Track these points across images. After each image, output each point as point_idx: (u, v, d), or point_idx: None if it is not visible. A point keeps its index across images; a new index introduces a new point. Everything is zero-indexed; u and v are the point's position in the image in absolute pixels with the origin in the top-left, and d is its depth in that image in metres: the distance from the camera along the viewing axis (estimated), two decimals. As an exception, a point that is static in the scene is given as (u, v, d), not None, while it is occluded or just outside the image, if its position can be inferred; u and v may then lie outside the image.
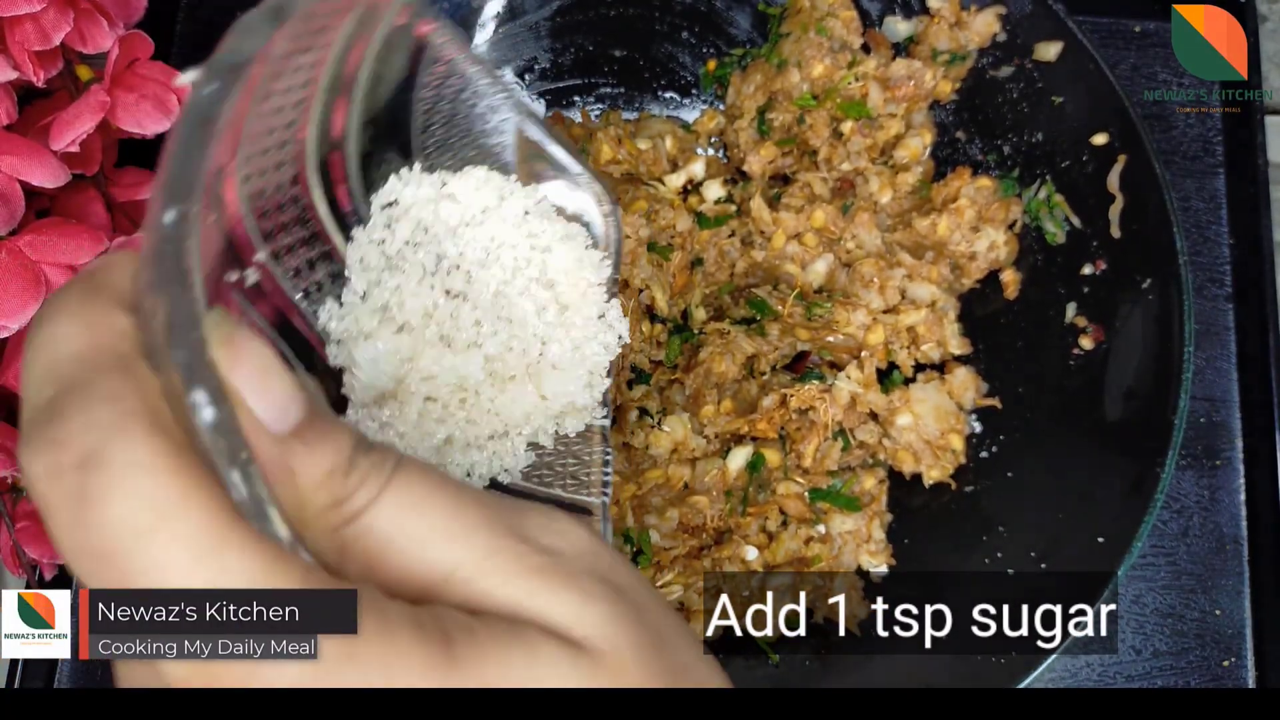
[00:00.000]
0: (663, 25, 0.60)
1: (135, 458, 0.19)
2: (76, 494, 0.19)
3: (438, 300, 0.33)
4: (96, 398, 0.20)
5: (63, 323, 0.22)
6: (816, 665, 0.51)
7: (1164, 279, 0.51)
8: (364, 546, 0.22)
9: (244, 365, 0.20)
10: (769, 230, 0.55)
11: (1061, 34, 0.54)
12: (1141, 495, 0.48)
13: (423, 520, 0.22)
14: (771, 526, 0.52)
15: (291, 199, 0.31)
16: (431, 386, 0.33)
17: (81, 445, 0.19)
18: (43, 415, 0.20)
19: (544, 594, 0.22)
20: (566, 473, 0.37)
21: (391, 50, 0.33)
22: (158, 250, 0.19)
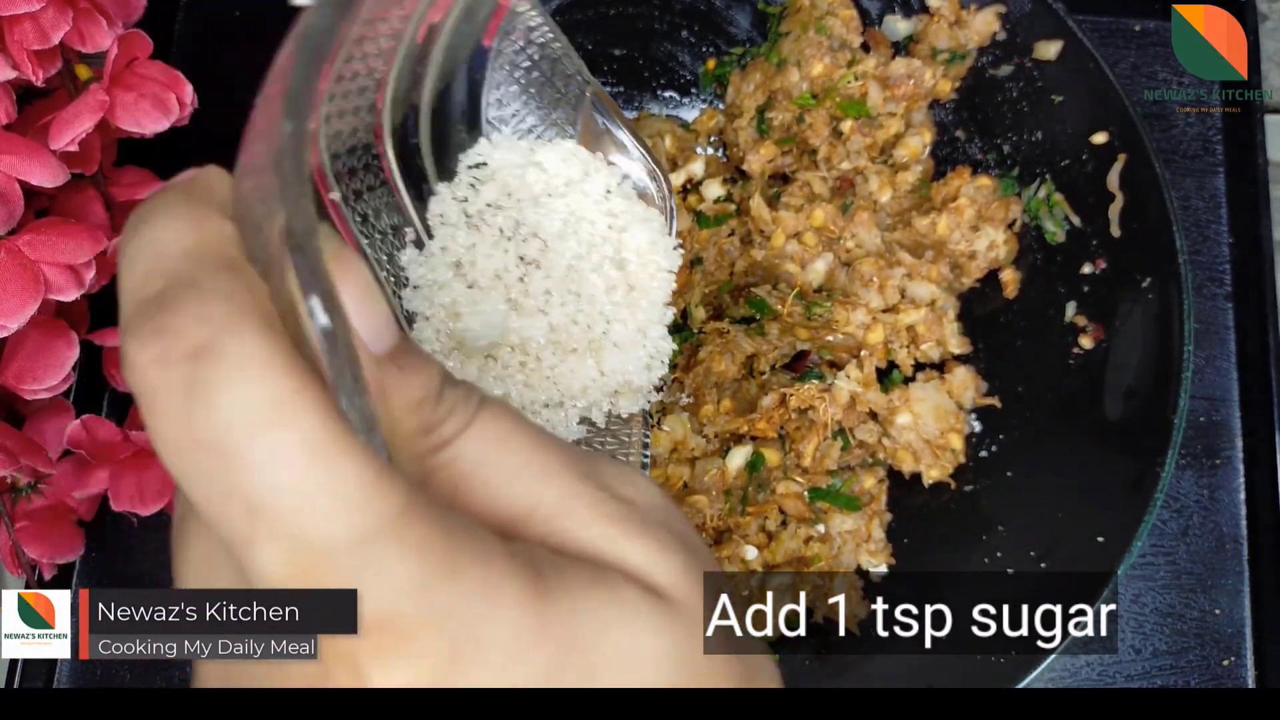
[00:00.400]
0: (662, 24, 0.60)
1: (252, 352, 0.19)
2: (188, 383, 0.19)
3: (509, 265, 0.34)
4: (210, 293, 0.20)
5: (169, 221, 0.21)
6: (816, 665, 0.51)
7: (1164, 278, 0.51)
8: (448, 476, 0.22)
9: (349, 282, 0.20)
10: (768, 229, 0.55)
11: (1061, 33, 0.54)
12: (1141, 494, 0.48)
13: (508, 455, 0.22)
14: (771, 526, 0.52)
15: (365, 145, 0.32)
16: (492, 345, 0.34)
17: (196, 336, 0.19)
18: (152, 306, 0.20)
19: (623, 540, 0.22)
20: (606, 452, 0.37)
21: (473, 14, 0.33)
22: (277, 159, 0.19)
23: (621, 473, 0.24)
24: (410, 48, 0.31)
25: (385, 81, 0.31)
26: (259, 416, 0.18)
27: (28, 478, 0.49)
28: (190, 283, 0.20)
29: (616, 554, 0.22)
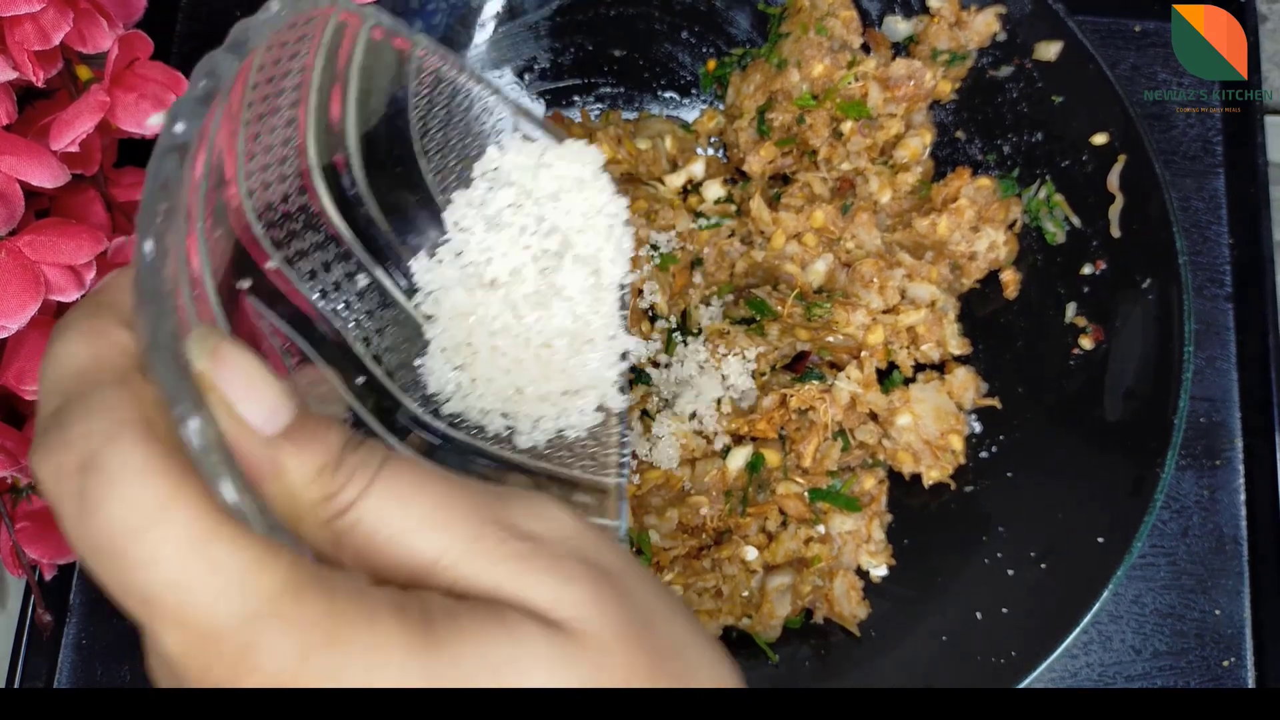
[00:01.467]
0: (662, 25, 0.60)
1: (127, 462, 0.21)
2: (78, 495, 0.21)
3: (528, 260, 0.36)
4: (95, 408, 0.22)
5: (69, 340, 0.24)
6: (816, 665, 0.51)
7: (1164, 279, 0.51)
8: (355, 538, 0.23)
9: (231, 374, 0.22)
10: (769, 230, 0.55)
11: (1061, 34, 0.54)
12: (1141, 495, 0.48)
13: (408, 510, 0.23)
14: (771, 527, 0.52)
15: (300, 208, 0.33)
16: (502, 339, 0.36)
17: (81, 450, 0.21)
18: (50, 423, 0.22)
19: (525, 577, 0.23)
20: (586, 454, 0.38)
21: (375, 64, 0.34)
22: (137, 277, 0.21)
23: (530, 508, 0.25)
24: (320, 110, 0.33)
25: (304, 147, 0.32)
26: (137, 521, 0.20)
27: (28, 478, 0.49)
28: (81, 398, 0.22)
29: (517, 593, 0.23)
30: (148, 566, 0.20)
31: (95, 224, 0.48)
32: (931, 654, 0.50)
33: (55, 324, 0.25)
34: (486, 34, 0.60)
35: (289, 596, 0.20)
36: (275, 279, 0.31)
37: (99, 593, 0.54)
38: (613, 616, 0.23)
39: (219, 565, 0.20)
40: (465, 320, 0.36)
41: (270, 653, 0.20)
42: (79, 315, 0.24)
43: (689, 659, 0.24)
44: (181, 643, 0.20)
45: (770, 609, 0.51)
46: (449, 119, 0.37)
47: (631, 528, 0.51)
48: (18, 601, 0.53)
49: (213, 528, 0.20)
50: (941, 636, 0.50)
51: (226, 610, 0.20)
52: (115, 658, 0.54)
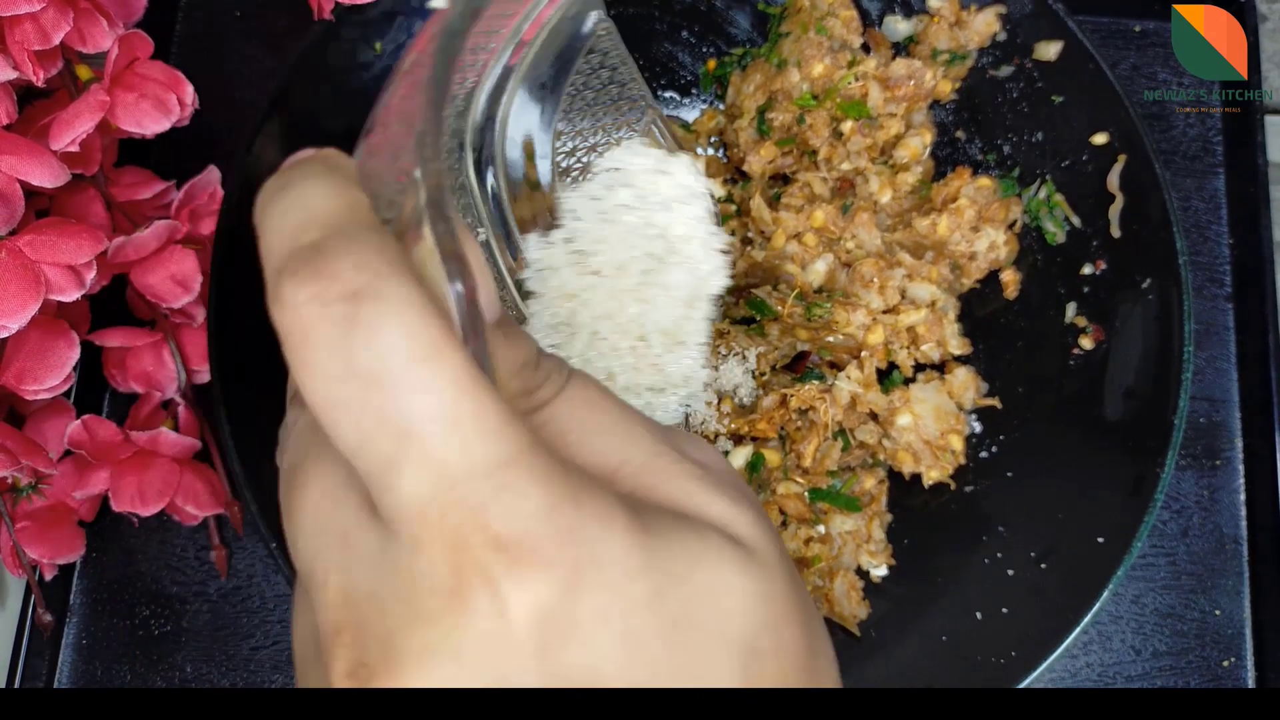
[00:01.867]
0: (662, 25, 0.60)
1: (408, 297, 0.20)
2: (348, 319, 0.20)
3: (636, 257, 0.38)
4: (367, 246, 0.21)
5: (316, 185, 0.23)
6: (816, 665, 0.51)
7: (1164, 279, 0.51)
8: (545, 435, 0.24)
9: (471, 256, 0.22)
10: (769, 230, 0.55)
11: (1061, 34, 0.54)
12: (1141, 495, 0.48)
13: (598, 417, 0.25)
14: (771, 526, 0.52)
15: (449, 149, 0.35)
16: (604, 324, 0.38)
17: (354, 280, 0.21)
18: (309, 252, 0.21)
19: (701, 495, 0.24)
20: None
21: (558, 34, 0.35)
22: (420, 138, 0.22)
23: (694, 441, 0.27)
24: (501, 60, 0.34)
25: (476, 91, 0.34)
26: (415, 351, 0.20)
27: (28, 478, 0.49)
28: (346, 234, 0.22)
29: (697, 506, 0.24)
30: (418, 397, 0.20)
31: (95, 224, 0.48)
32: (931, 654, 0.50)
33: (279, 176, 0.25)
34: (486, 34, 0.60)
35: (537, 453, 0.21)
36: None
37: (99, 593, 0.55)
38: (773, 544, 0.24)
39: (484, 410, 0.20)
40: (569, 301, 0.37)
41: (522, 498, 0.20)
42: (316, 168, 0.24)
43: (810, 602, 0.26)
44: (428, 480, 0.20)
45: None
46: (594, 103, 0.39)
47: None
48: (18, 601, 0.53)
49: (480, 377, 0.21)
50: (941, 636, 0.50)
51: (486, 451, 0.20)
52: (115, 658, 0.54)
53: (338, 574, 0.22)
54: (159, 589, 0.55)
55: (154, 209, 0.52)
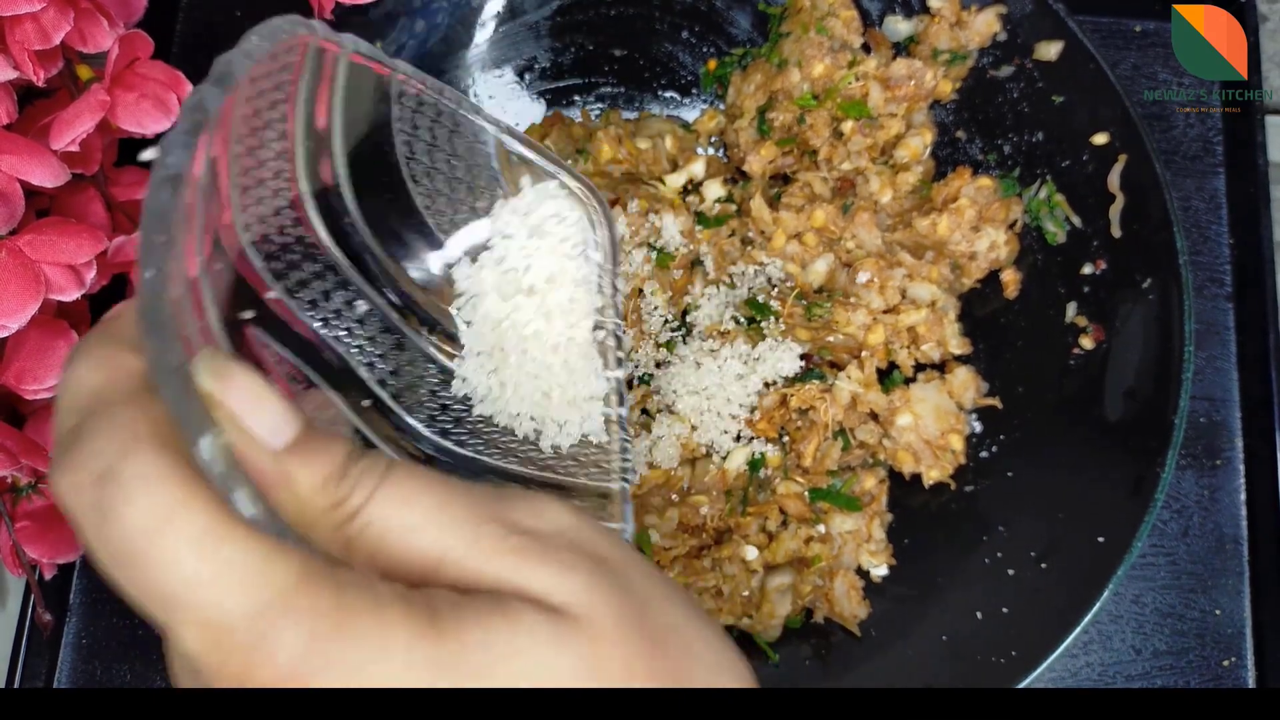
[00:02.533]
0: (663, 25, 0.60)
1: (142, 470, 0.22)
2: (96, 506, 0.22)
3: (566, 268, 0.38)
4: (109, 424, 0.23)
5: (81, 365, 0.25)
6: (816, 665, 0.51)
7: (1164, 278, 0.51)
8: (365, 541, 0.24)
9: (238, 392, 0.23)
10: (769, 230, 0.55)
11: (1062, 34, 0.54)
12: (1141, 495, 0.48)
13: (413, 512, 0.24)
14: (771, 526, 0.52)
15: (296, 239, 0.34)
16: (532, 344, 0.38)
17: (98, 464, 0.22)
18: (67, 440, 0.23)
19: (525, 568, 0.24)
20: (590, 462, 0.39)
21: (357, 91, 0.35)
22: (141, 304, 0.22)
23: (530, 506, 0.26)
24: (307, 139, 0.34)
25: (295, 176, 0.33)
26: (153, 523, 0.21)
27: (28, 478, 0.49)
28: (95, 416, 0.23)
29: (517, 583, 0.24)
30: (166, 566, 0.21)
31: (95, 223, 0.48)
32: (931, 654, 0.50)
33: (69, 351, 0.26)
34: (487, 33, 0.60)
35: (298, 589, 0.21)
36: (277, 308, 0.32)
37: (99, 593, 0.55)
38: (609, 601, 0.24)
39: (232, 562, 0.21)
40: (498, 325, 0.37)
41: (281, 643, 0.21)
42: (91, 343, 0.25)
43: (688, 643, 0.25)
44: (199, 639, 0.21)
45: (770, 608, 0.51)
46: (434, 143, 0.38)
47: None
48: (18, 601, 0.53)
49: (225, 527, 0.21)
50: (942, 636, 0.50)
51: (239, 604, 0.21)
52: (115, 658, 0.53)
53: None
54: (159, 589, 0.55)
55: (154, 209, 0.52)
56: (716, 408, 0.52)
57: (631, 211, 0.54)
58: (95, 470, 0.22)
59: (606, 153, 0.56)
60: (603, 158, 0.56)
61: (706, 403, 0.52)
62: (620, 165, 0.56)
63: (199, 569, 0.21)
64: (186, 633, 0.21)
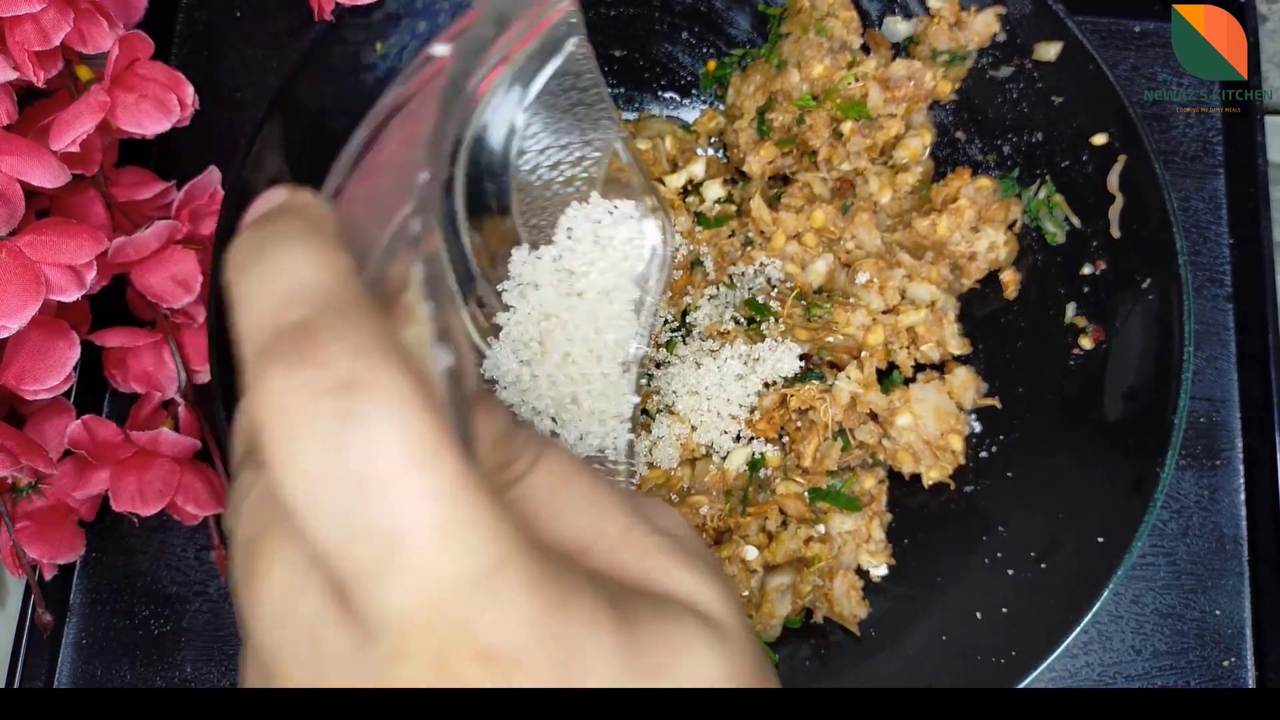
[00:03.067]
0: (662, 25, 0.60)
1: (404, 393, 0.19)
2: (340, 415, 0.19)
3: (624, 285, 0.39)
4: (357, 328, 0.20)
5: (299, 250, 0.22)
6: (816, 665, 0.51)
7: (1164, 279, 0.51)
8: (521, 508, 0.24)
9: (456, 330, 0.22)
10: (769, 230, 0.55)
11: (1061, 34, 0.54)
12: (1141, 495, 0.48)
13: (573, 490, 0.25)
14: (771, 526, 0.52)
15: None
16: (577, 348, 0.38)
17: (347, 369, 0.19)
18: (296, 333, 0.20)
19: (675, 571, 0.24)
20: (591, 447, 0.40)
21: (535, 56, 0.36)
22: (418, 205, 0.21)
23: (660, 509, 0.27)
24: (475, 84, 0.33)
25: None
26: (411, 456, 0.19)
27: (28, 478, 0.49)
28: (337, 312, 0.20)
29: (670, 584, 0.24)
30: (411, 505, 0.19)
31: (95, 224, 0.48)
32: (931, 654, 0.50)
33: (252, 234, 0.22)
34: (487, 34, 0.60)
35: (524, 559, 0.20)
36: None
37: (99, 593, 0.55)
38: (735, 612, 0.25)
39: (477, 518, 0.19)
40: (546, 320, 0.37)
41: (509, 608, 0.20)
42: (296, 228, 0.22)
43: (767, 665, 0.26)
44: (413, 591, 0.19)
45: (770, 608, 0.51)
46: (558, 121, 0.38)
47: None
48: (18, 601, 0.54)
49: (475, 482, 0.20)
50: (941, 636, 0.50)
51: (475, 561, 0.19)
52: (115, 658, 0.54)
53: (305, 671, 0.20)
54: (159, 589, 0.55)
55: (154, 209, 0.52)
56: (716, 408, 0.52)
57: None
58: (344, 375, 0.19)
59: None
60: (602, 158, 0.56)
61: (706, 403, 0.52)
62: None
63: (449, 518, 0.19)
64: (400, 581, 0.19)
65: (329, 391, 0.19)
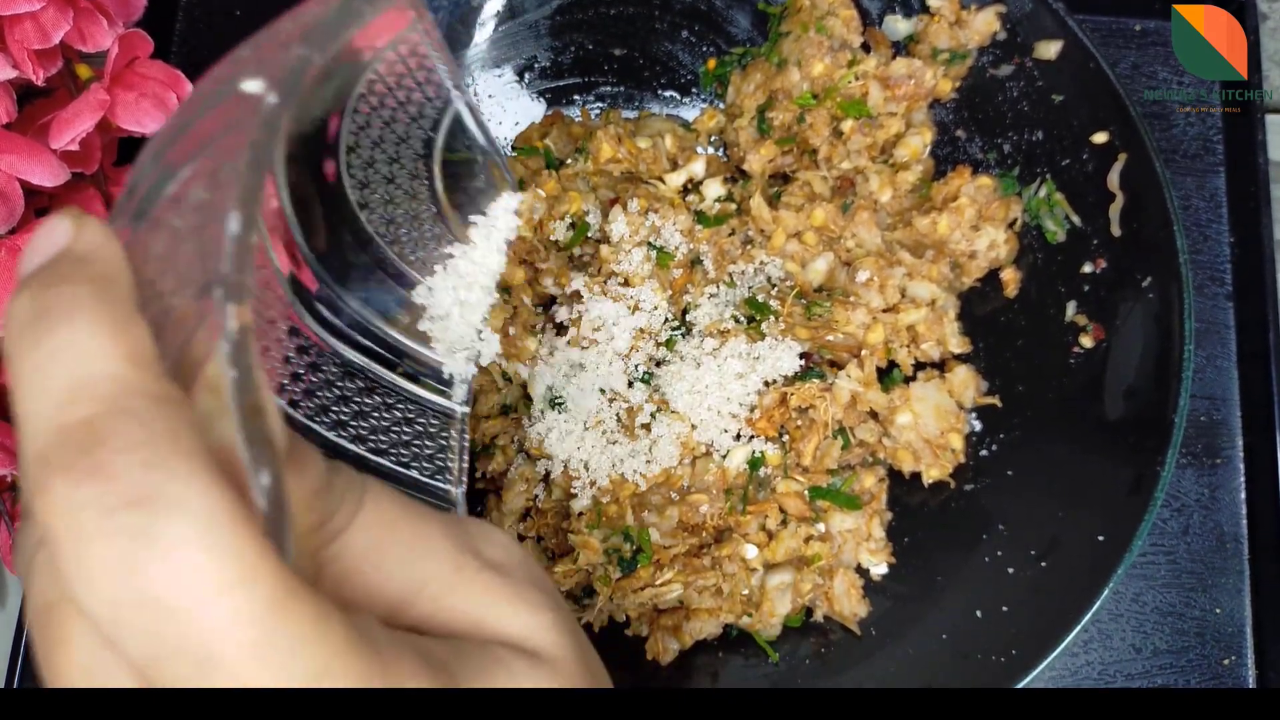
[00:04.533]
0: (662, 24, 0.60)
1: (212, 505, 0.18)
2: (135, 538, 0.18)
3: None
4: (152, 430, 0.18)
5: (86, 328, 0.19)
6: (817, 664, 0.51)
7: (1164, 277, 0.51)
8: (341, 567, 0.23)
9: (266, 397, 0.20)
10: (769, 229, 0.55)
11: (1062, 32, 0.54)
12: (1142, 493, 0.48)
13: (398, 538, 0.23)
14: (771, 525, 0.52)
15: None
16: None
17: (141, 483, 0.18)
18: (80, 438, 0.18)
19: (503, 608, 0.24)
20: (424, 455, 0.38)
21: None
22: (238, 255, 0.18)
23: (487, 534, 0.26)
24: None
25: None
26: (220, 581, 0.18)
27: (28, 477, 0.49)
28: (127, 414, 0.18)
29: (498, 626, 0.24)
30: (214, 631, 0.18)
31: (95, 223, 0.48)
32: (931, 652, 0.50)
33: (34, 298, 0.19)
34: (487, 33, 0.60)
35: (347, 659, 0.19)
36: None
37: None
38: (567, 643, 0.25)
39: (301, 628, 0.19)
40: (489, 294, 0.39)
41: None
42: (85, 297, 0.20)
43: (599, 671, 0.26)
44: None
45: (770, 607, 0.51)
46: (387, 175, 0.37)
47: (631, 526, 0.51)
48: (18, 601, 0.53)
49: (289, 598, 0.19)
50: (942, 635, 0.50)
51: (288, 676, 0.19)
52: (115, 657, 0.53)
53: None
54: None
55: (154, 208, 0.52)
56: (716, 406, 0.52)
57: (631, 211, 0.54)
58: (134, 489, 0.18)
59: (606, 152, 0.56)
60: (602, 157, 0.56)
61: (706, 401, 0.52)
62: (620, 164, 0.56)
63: (270, 637, 0.18)
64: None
65: (122, 508, 0.17)
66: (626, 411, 0.52)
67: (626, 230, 0.54)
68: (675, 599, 0.50)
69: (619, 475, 0.51)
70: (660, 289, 0.53)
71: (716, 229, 0.55)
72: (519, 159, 0.58)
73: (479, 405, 0.53)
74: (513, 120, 0.60)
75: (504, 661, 0.23)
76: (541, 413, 0.52)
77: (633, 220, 0.54)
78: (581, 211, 0.55)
